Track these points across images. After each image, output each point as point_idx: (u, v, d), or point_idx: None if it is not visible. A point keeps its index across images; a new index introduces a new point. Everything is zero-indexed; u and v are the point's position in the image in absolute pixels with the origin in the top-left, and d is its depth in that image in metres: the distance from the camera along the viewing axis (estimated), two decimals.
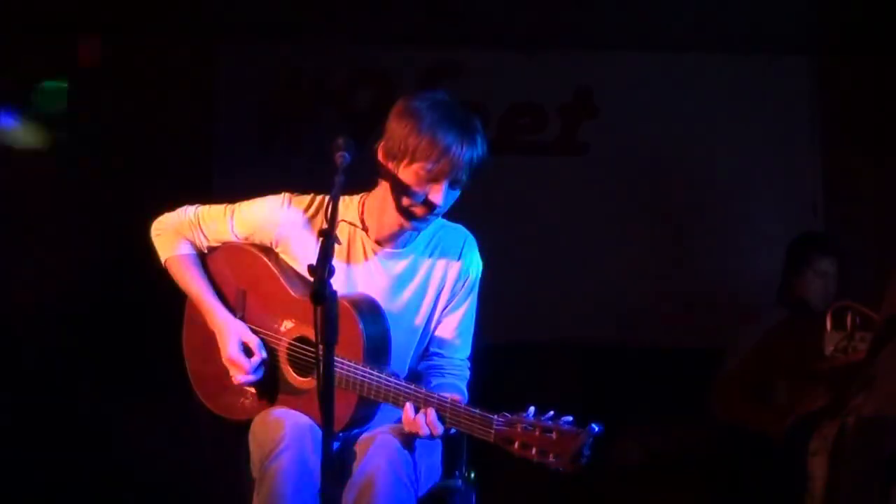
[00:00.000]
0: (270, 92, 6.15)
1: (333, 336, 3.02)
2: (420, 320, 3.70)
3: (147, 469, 5.54)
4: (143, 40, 5.98)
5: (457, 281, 3.72)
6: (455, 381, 3.70)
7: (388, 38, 6.06)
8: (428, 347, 3.75)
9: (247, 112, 6.11)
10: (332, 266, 3.04)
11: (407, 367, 3.72)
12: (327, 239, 3.09)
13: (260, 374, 3.63)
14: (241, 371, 3.61)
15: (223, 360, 3.65)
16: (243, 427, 3.61)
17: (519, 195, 6.10)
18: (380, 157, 3.54)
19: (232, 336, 3.65)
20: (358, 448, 3.51)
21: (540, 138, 6.17)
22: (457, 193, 3.54)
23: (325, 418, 3.02)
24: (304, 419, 3.50)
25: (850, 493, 4.24)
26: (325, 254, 3.06)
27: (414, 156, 3.45)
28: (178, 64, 6.01)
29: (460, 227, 3.77)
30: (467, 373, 3.76)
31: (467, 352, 3.78)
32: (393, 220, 3.58)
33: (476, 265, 3.77)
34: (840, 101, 6.08)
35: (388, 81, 6.08)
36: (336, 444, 3.49)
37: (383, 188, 3.58)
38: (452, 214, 3.76)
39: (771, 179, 6.11)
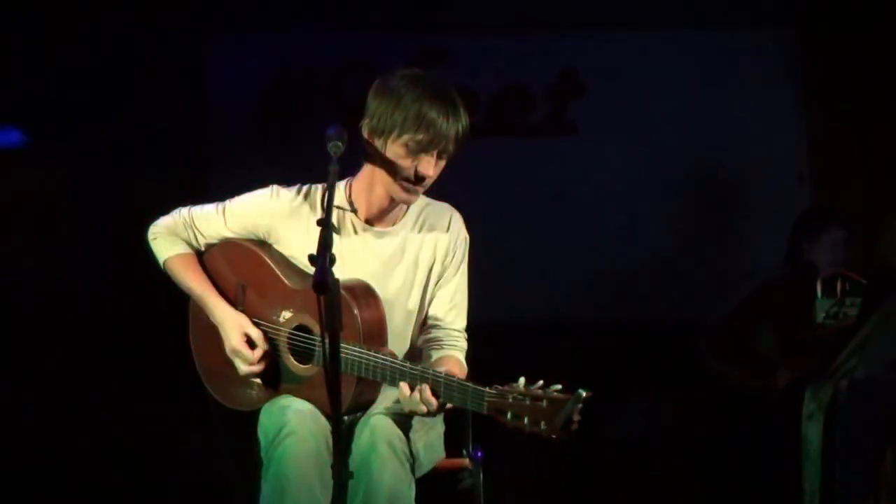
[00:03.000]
0: (261, 84, 6.19)
1: (337, 323, 3.06)
2: (414, 299, 3.77)
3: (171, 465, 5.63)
4: (135, 36, 5.98)
5: (446, 255, 3.79)
6: (453, 353, 3.76)
7: (374, 26, 6.10)
8: (425, 322, 3.81)
9: (239, 105, 6.14)
10: (333, 255, 3.09)
11: (407, 345, 3.79)
12: (325, 228, 3.15)
13: (263, 363, 3.69)
14: (246, 362, 3.67)
15: (227, 352, 3.71)
16: (255, 417, 3.66)
17: (510, 177, 6.16)
18: (365, 135, 3.62)
19: (234, 328, 3.70)
20: (356, 430, 3.57)
21: (528, 120, 6.22)
22: (444, 162, 3.63)
23: (334, 404, 3.07)
24: (306, 405, 3.56)
25: (845, 454, 4.32)
26: (325, 243, 3.11)
27: (402, 128, 3.52)
28: (170, 59, 6.02)
29: (445, 204, 3.85)
30: (464, 343, 3.82)
31: (463, 322, 3.84)
32: (382, 196, 3.66)
33: (464, 238, 3.83)
34: (825, 72, 6.10)
35: (376, 70, 6.10)
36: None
37: (370, 168, 3.67)
38: (443, 197, 3.83)
39: (758, 152, 6.14)
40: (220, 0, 6.11)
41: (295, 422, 3.49)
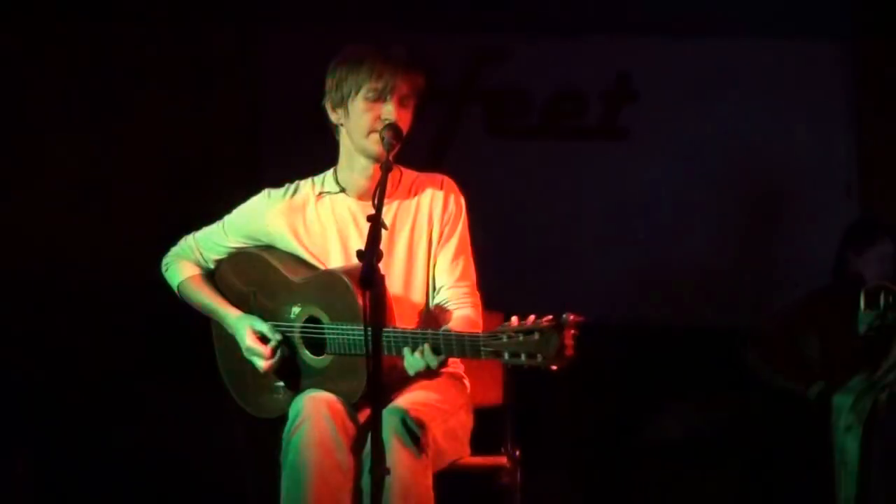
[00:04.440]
0: (315, 80, 6.21)
1: (381, 318, 3.15)
2: (420, 267, 3.82)
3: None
4: (189, 28, 6.02)
5: (442, 216, 3.83)
6: (462, 312, 3.79)
7: (431, 24, 6.12)
8: (434, 286, 3.85)
9: (293, 100, 6.17)
10: (380, 250, 3.19)
11: (420, 311, 3.84)
12: (375, 224, 3.24)
13: (278, 355, 3.73)
14: (261, 357, 3.73)
15: (244, 353, 3.77)
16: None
17: (561, 180, 6.16)
18: (331, 114, 3.78)
19: (244, 329, 3.77)
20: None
21: (581, 123, 6.22)
22: (409, 113, 3.73)
23: (374, 399, 3.13)
24: (321, 392, 3.61)
25: (883, 465, 4.32)
26: (374, 239, 3.20)
27: (357, 85, 3.68)
28: (223, 53, 6.07)
29: (436, 173, 3.92)
30: (475, 299, 3.85)
31: (470, 279, 3.87)
32: (364, 165, 3.74)
33: (457, 198, 3.88)
34: (877, 82, 6.08)
35: (432, 68, 6.13)
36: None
37: (344, 143, 3.80)
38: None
39: (808, 162, 6.13)
40: None
41: (310, 408, 3.54)
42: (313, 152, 3.94)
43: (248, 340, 3.75)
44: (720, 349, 5.72)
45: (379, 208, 3.30)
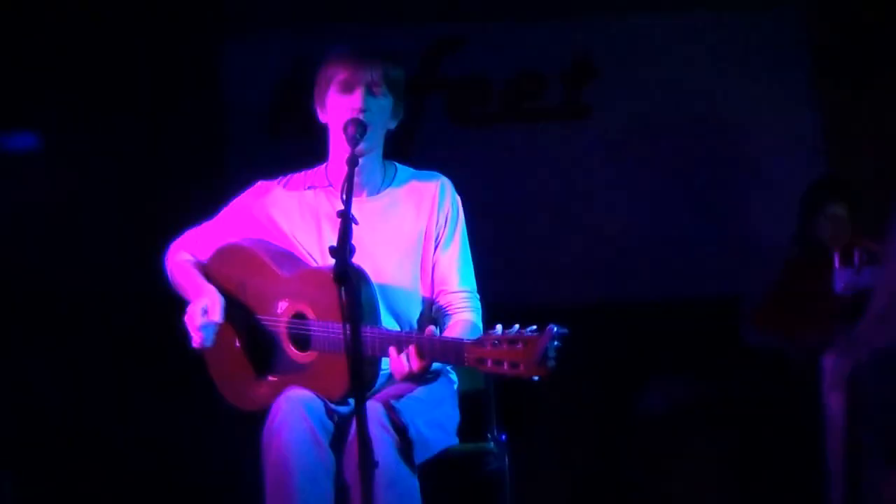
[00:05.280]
0: (276, 79, 6.22)
1: (357, 313, 3.15)
2: (415, 265, 3.84)
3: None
4: (148, 35, 6.02)
5: (442, 213, 3.86)
6: (461, 316, 3.82)
7: (389, 17, 6.13)
8: (433, 289, 3.87)
9: (257, 102, 6.19)
10: (353, 245, 3.20)
11: (415, 311, 3.86)
12: (344, 220, 3.24)
13: (210, 334, 3.68)
14: (193, 327, 3.69)
15: (185, 319, 3.73)
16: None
17: (525, 161, 6.20)
18: (317, 113, 3.83)
19: (199, 300, 3.73)
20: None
21: (542, 104, 6.24)
22: (384, 103, 3.76)
23: (357, 392, 3.13)
24: (300, 391, 3.60)
25: (869, 425, 4.33)
26: (344, 235, 3.21)
27: (328, 81, 3.75)
28: (185, 56, 6.07)
29: (433, 172, 3.94)
30: (475, 303, 3.88)
31: (470, 283, 3.90)
32: (343, 155, 3.69)
33: (455, 200, 3.90)
34: (833, 44, 6.13)
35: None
36: (343, 410, 3.61)
37: (330, 138, 3.82)
38: (458, 181, 3.90)
39: (773, 127, 6.18)
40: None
41: (287, 408, 3.55)
42: (279, 154, 3.95)
43: (190, 309, 3.70)
44: (701, 320, 5.75)
45: (347, 204, 3.29)
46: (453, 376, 3.92)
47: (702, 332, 5.77)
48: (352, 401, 3.35)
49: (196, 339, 3.70)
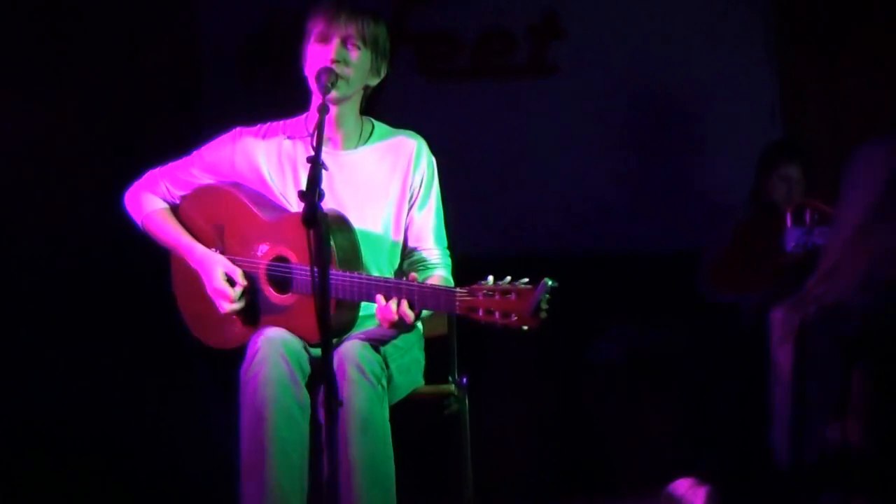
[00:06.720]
0: (250, 28, 6.24)
1: (326, 256, 3.20)
2: (393, 217, 3.93)
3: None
4: None
5: (417, 172, 3.94)
6: (437, 272, 3.92)
7: None
8: (406, 246, 3.97)
9: (230, 49, 6.21)
10: (322, 190, 3.24)
11: (392, 266, 3.95)
12: (314, 165, 3.29)
13: (245, 300, 3.82)
14: (227, 299, 3.80)
15: (209, 292, 3.84)
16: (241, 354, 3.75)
17: (493, 118, 6.28)
18: (303, 65, 3.87)
19: (214, 268, 3.84)
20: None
21: (510, 62, 6.30)
22: (361, 56, 3.83)
23: (323, 333, 3.18)
24: (278, 331, 3.68)
25: (815, 377, 4.45)
26: (314, 179, 3.24)
27: (309, 34, 3.83)
28: (160, 11, 6.08)
29: (410, 132, 4.02)
30: (448, 260, 3.98)
31: (444, 241, 4.00)
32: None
33: (431, 161, 3.99)
34: (792, 8, 6.21)
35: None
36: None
37: (311, 89, 3.87)
38: (424, 136, 3.99)
39: (732, 90, 6.24)
40: None
41: (266, 347, 3.61)
42: (254, 104, 4.00)
43: (216, 282, 3.82)
44: (660, 274, 5.84)
45: (318, 149, 3.33)
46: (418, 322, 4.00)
47: (660, 285, 5.85)
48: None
49: (232, 308, 3.80)
